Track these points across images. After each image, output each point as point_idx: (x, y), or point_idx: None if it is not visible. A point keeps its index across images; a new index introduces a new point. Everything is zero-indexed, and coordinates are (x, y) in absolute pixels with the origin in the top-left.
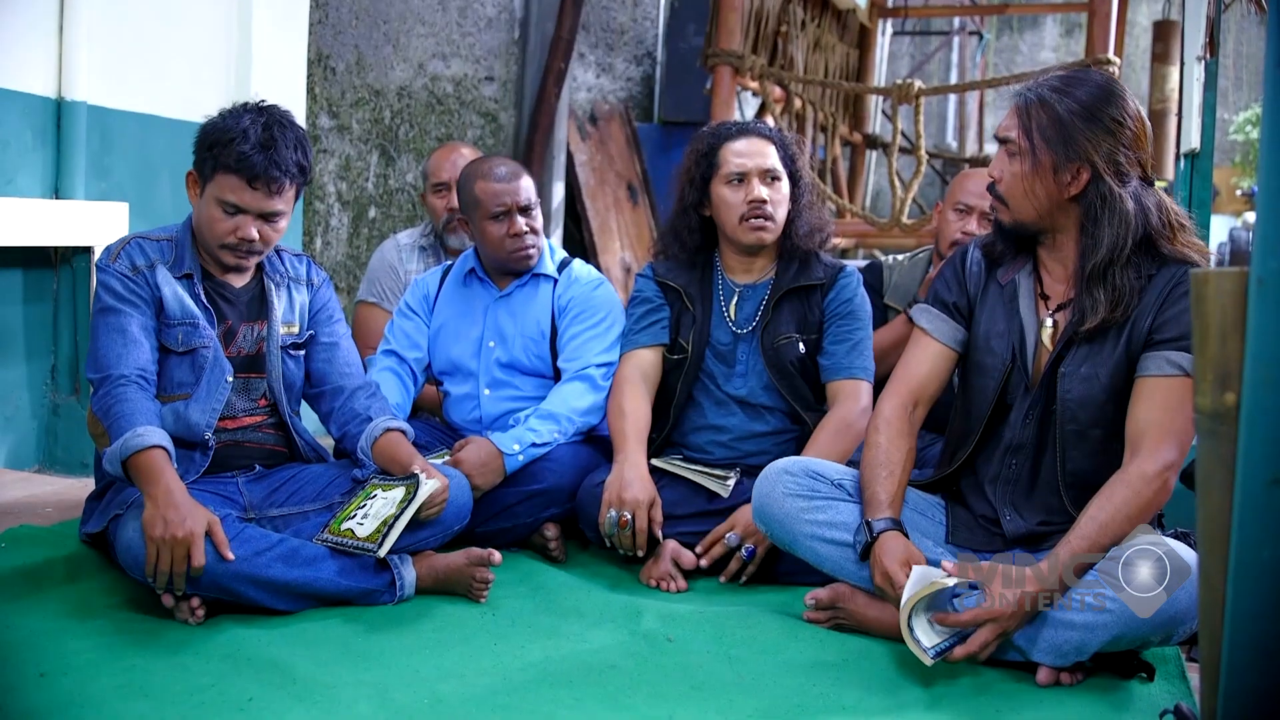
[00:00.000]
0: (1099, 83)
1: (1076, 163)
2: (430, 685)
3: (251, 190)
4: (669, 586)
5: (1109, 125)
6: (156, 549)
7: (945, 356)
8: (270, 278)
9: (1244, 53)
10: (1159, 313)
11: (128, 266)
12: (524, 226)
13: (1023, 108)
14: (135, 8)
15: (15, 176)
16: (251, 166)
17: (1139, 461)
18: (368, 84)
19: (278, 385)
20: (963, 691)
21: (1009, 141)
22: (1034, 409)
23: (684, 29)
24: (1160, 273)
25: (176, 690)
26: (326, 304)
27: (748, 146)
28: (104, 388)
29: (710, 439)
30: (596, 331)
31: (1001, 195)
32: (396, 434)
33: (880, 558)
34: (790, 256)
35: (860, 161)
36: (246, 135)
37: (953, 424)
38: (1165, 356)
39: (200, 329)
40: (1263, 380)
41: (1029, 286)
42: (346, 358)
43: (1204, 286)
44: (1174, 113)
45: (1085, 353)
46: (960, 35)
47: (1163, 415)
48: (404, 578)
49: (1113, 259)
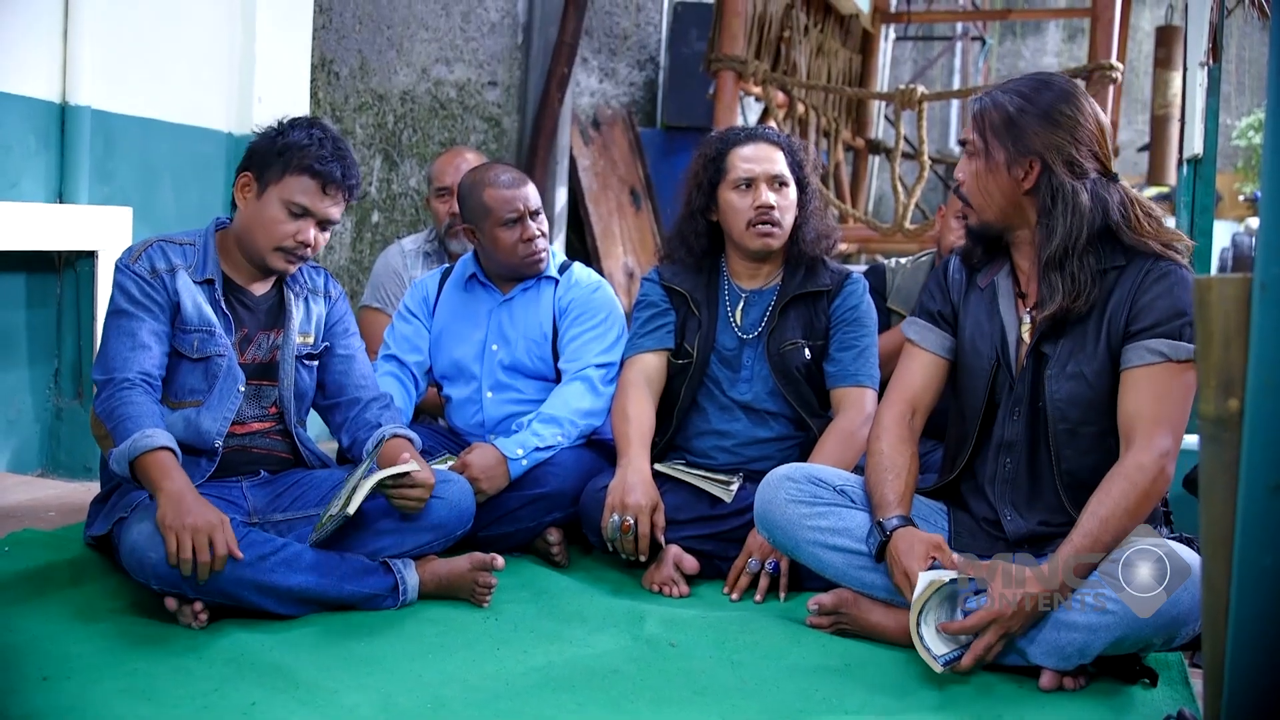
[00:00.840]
0: (1055, 85)
1: (1028, 157)
2: (433, 690)
3: (323, 195)
4: (671, 591)
5: (1061, 121)
6: (175, 537)
7: (937, 365)
8: (289, 288)
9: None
10: (1134, 304)
11: (147, 269)
12: (535, 231)
13: (978, 111)
14: (139, 12)
15: (19, 181)
16: (330, 172)
17: (1134, 453)
18: (371, 89)
19: (288, 394)
20: (967, 696)
21: (967, 143)
22: (1018, 405)
23: (687, 34)
24: (1131, 264)
25: (179, 694)
26: (343, 317)
27: (756, 152)
28: (107, 390)
29: (714, 444)
30: (596, 333)
31: (966, 197)
32: (402, 440)
33: (899, 556)
34: (797, 262)
35: (863, 167)
36: (323, 144)
37: (950, 428)
38: (1145, 345)
39: (216, 337)
40: (1266, 386)
41: (1007, 287)
42: (362, 370)
43: (1207, 292)
44: (1177, 118)
45: (1069, 351)
46: (963, 40)
47: (1151, 404)
48: (407, 582)
49: (1068, 249)
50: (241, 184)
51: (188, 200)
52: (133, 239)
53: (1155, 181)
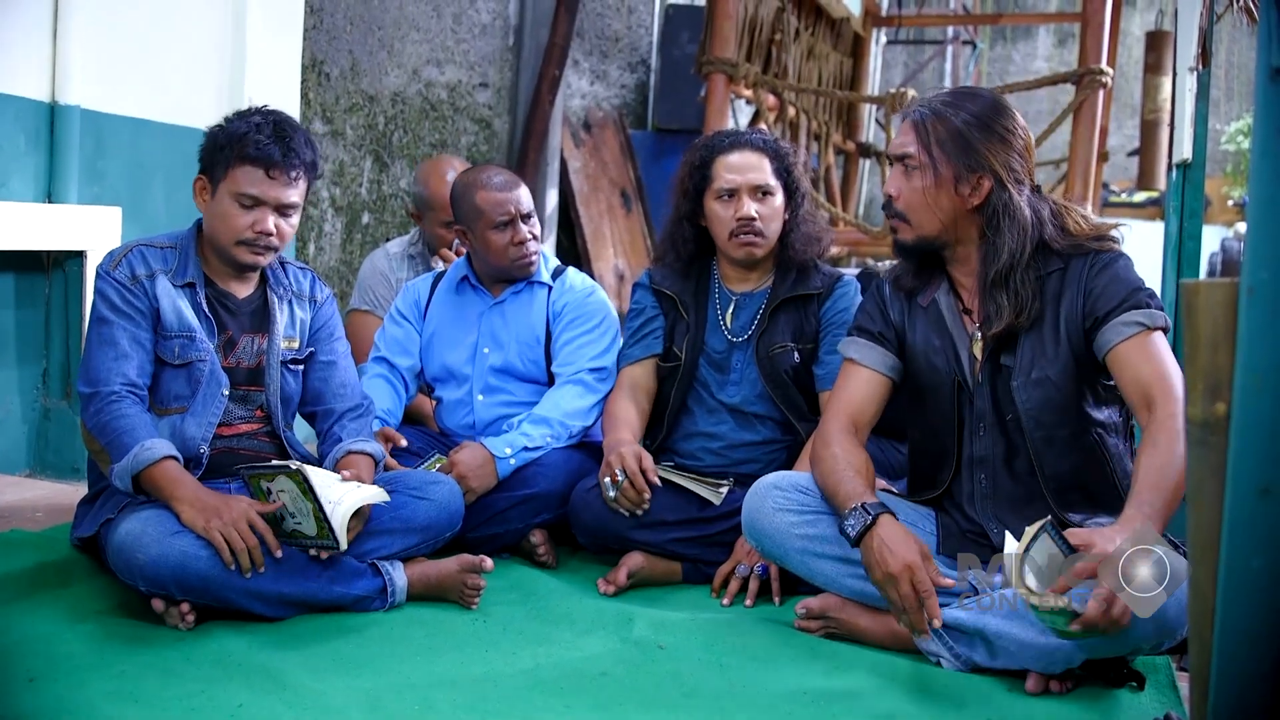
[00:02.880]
0: (987, 97)
1: (978, 173)
2: (421, 692)
3: (269, 180)
4: (605, 589)
5: (1003, 135)
6: (219, 537)
7: (879, 383)
8: (274, 290)
9: (1236, 63)
10: (1087, 295)
11: (127, 275)
12: (527, 234)
13: (919, 123)
14: (129, 12)
15: (8, 180)
16: (270, 156)
17: (1161, 406)
18: (362, 90)
19: (275, 399)
20: (953, 700)
21: (908, 157)
22: (982, 420)
23: (678, 36)
24: (1071, 264)
25: (166, 696)
26: (328, 322)
27: (740, 161)
28: (95, 404)
29: (701, 445)
30: (590, 337)
31: (901, 212)
32: (356, 455)
33: (883, 549)
34: (788, 266)
35: (854, 170)
36: (260, 129)
37: (918, 447)
38: (1120, 321)
39: (197, 342)
40: (1253, 389)
41: (949, 303)
42: (342, 378)
43: (1195, 296)
44: (1166, 123)
45: (1030, 359)
46: (954, 45)
47: (1155, 366)
48: (395, 584)
49: (1013, 265)
50: (199, 188)
51: (177, 200)
52: (122, 239)
53: (1145, 186)
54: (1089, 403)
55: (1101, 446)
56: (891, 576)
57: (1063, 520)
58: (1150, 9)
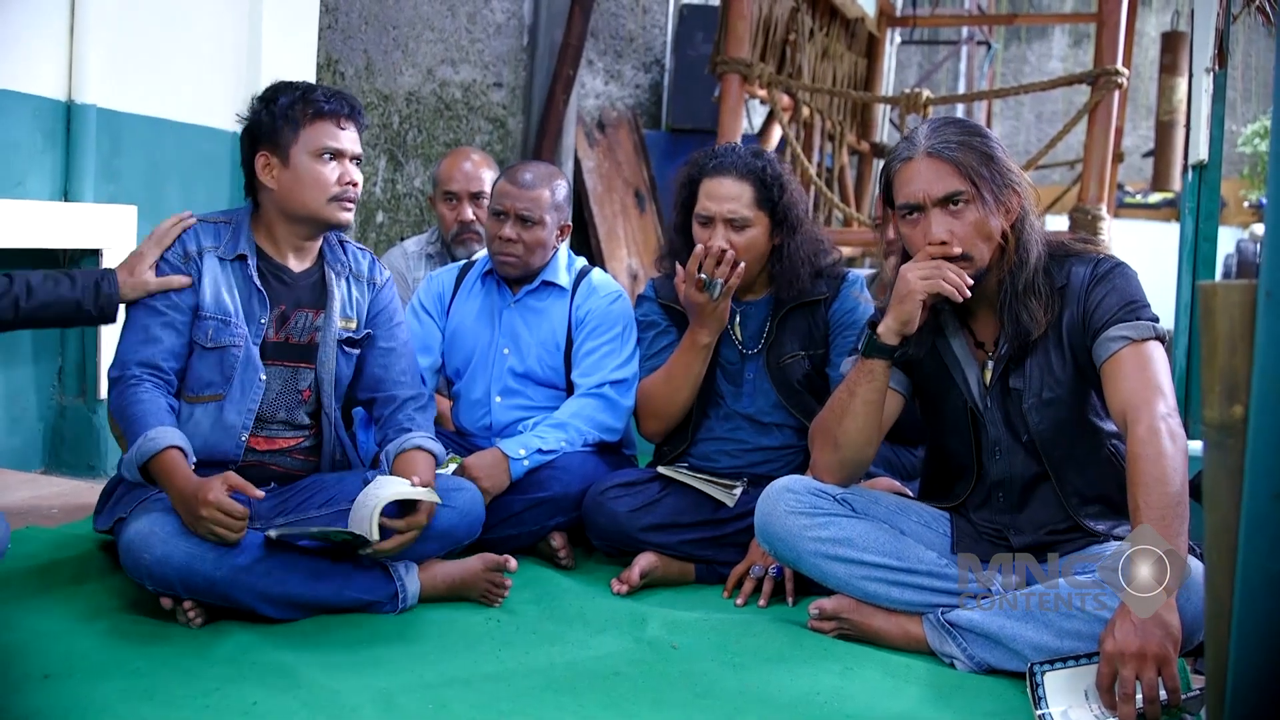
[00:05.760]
0: (968, 120)
1: (1009, 189)
2: (435, 691)
3: (341, 130)
4: (619, 589)
5: (1002, 151)
6: (202, 533)
7: (890, 398)
8: (331, 267)
9: (1253, 65)
10: (1085, 308)
11: (180, 253)
12: (510, 234)
13: (951, 160)
14: (145, 11)
15: (25, 179)
16: (336, 108)
17: (1137, 429)
18: (376, 89)
19: (328, 379)
20: (966, 701)
21: (957, 194)
22: (998, 445)
23: (692, 36)
24: (1070, 280)
25: (181, 694)
26: (388, 305)
27: (719, 189)
28: (116, 388)
29: (718, 448)
30: (613, 346)
31: (967, 253)
32: (421, 455)
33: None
34: (785, 279)
35: (868, 170)
36: (310, 89)
37: (932, 455)
38: (1108, 336)
39: (232, 326)
40: (1270, 392)
41: (961, 341)
42: (403, 365)
43: (1212, 298)
44: (1182, 124)
45: (1039, 378)
46: (968, 45)
47: (1135, 383)
48: (408, 589)
49: (1037, 268)
50: (262, 165)
51: (193, 199)
52: (137, 238)
53: (1160, 187)
54: (1100, 416)
55: (1117, 456)
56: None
57: (1086, 529)
58: (1166, 9)
